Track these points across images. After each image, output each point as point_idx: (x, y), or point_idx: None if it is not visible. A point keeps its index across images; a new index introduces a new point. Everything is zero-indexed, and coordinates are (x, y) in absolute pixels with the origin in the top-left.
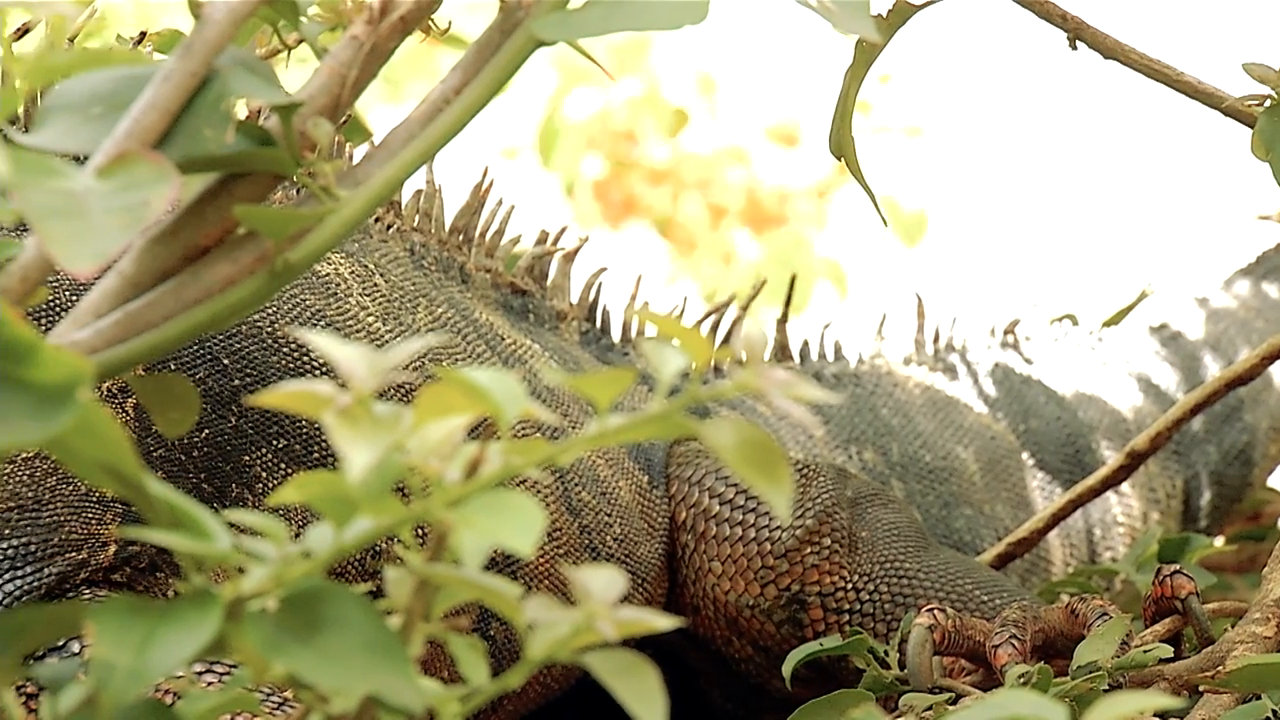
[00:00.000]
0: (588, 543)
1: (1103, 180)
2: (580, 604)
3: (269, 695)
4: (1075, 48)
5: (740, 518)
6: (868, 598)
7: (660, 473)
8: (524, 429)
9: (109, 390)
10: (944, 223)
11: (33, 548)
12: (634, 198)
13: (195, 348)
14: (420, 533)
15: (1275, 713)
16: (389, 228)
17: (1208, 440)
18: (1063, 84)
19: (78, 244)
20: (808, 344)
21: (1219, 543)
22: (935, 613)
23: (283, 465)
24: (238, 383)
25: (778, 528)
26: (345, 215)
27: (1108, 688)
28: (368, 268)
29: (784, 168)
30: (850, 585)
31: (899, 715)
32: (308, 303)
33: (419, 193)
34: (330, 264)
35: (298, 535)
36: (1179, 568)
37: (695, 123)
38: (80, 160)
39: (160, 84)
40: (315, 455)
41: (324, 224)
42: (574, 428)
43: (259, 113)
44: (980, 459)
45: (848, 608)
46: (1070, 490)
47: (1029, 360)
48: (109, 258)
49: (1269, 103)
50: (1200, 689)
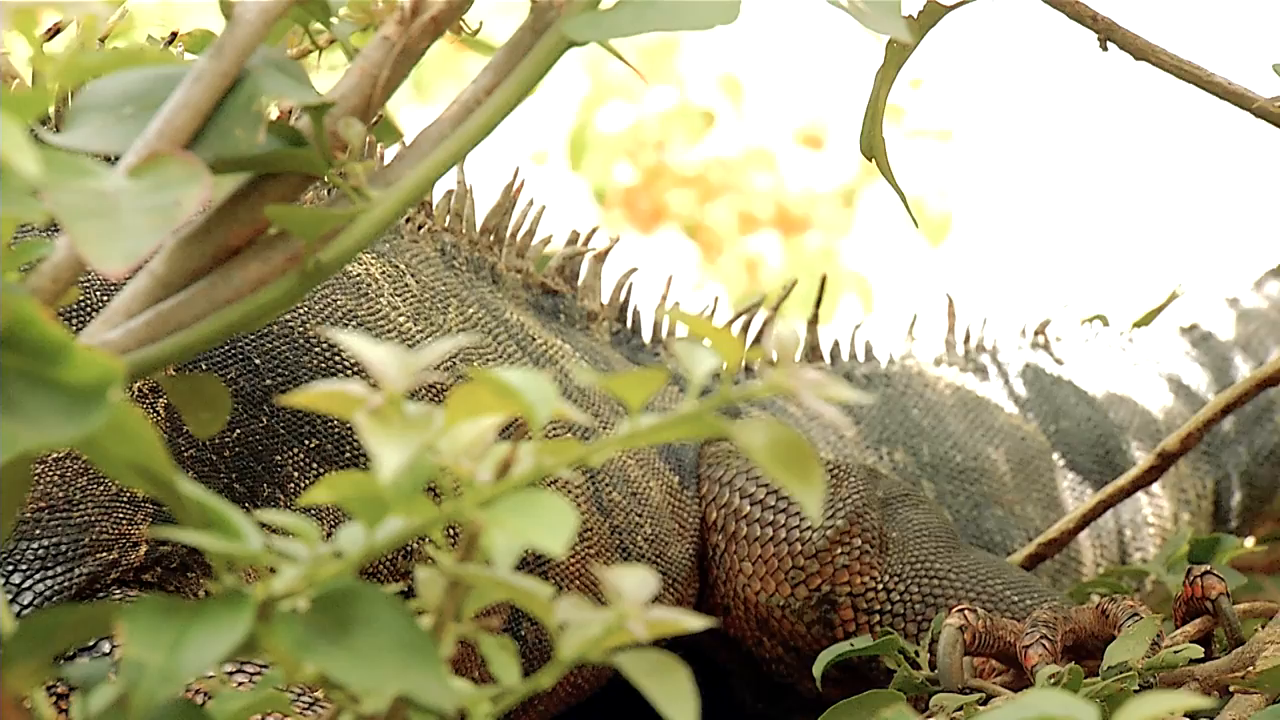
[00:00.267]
0: (619, 543)
1: (1133, 181)
2: (612, 604)
3: (300, 695)
4: (1106, 49)
5: (771, 518)
6: (898, 598)
7: (691, 473)
8: (555, 429)
9: (140, 390)
10: (974, 225)
11: (63, 548)
12: (662, 205)
13: (227, 347)
14: (451, 533)
15: None
16: (420, 228)
17: (1238, 441)
18: (1093, 85)
19: (109, 244)
20: (838, 345)
21: (1249, 543)
22: (966, 613)
23: (315, 465)
24: (269, 382)
25: (809, 528)
26: (376, 215)
27: (1138, 688)
28: (399, 268)
29: (810, 171)
30: (881, 585)
31: (930, 715)
32: (339, 303)
33: (450, 193)
34: (361, 264)
35: (329, 535)
36: (1209, 568)
37: (722, 126)
38: (111, 160)
39: (192, 84)
40: (347, 455)
41: (355, 224)
42: (605, 428)
43: (290, 113)
44: (1011, 459)
45: (878, 608)
46: (1101, 491)
47: (1060, 361)
48: (140, 258)
49: None
50: (1230, 689)
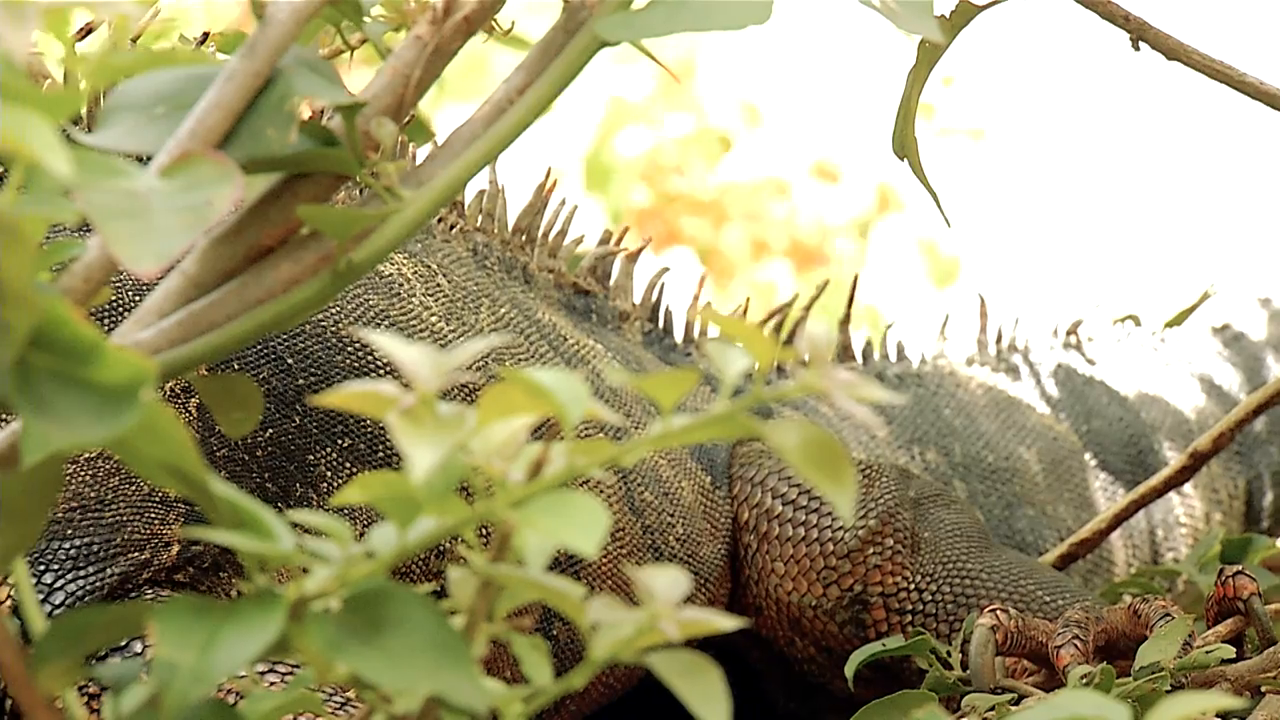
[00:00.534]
0: (651, 543)
1: (1166, 181)
2: (644, 604)
3: (331, 695)
4: (1138, 49)
5: (803, 518)
6: (930, 598)
7: (723, 473)
8: (587, 429)
9: (172, 390)
10: (1005, 223)
11: (95, 548)
12: (676, 229)
13: (259, 347)
14: (484, 533)
15: None
16: (452, 228)
17: (1270, 441)
18: (1124, 85)
19: (141, 244)
20: (870, 345)
21: None
22: (998, 613)
23: (348, 464)
24: (302, 382)
25: (841, 528)
26: (408, 215)
27: (1170, 688)
28: (431, 268)
29: (825, 203)
30: (913, 585)
31: (961, 716)
32: (371, 303)
33: (482, 193)
34: (393, 264)
35: (362, 535)
36: (1241, 568)
37: (739, 151)
38: (143, 160)
39: (224, 84)
40: (380, 454)
41: (387, 224)
42: (637, 428)
43: (322, 113)
44: (1043, 459)
45: (910, 608)
46: (1133, 491)
47: (1091, 361)
48: (172, 258)
49: None
50: (1262, 689)
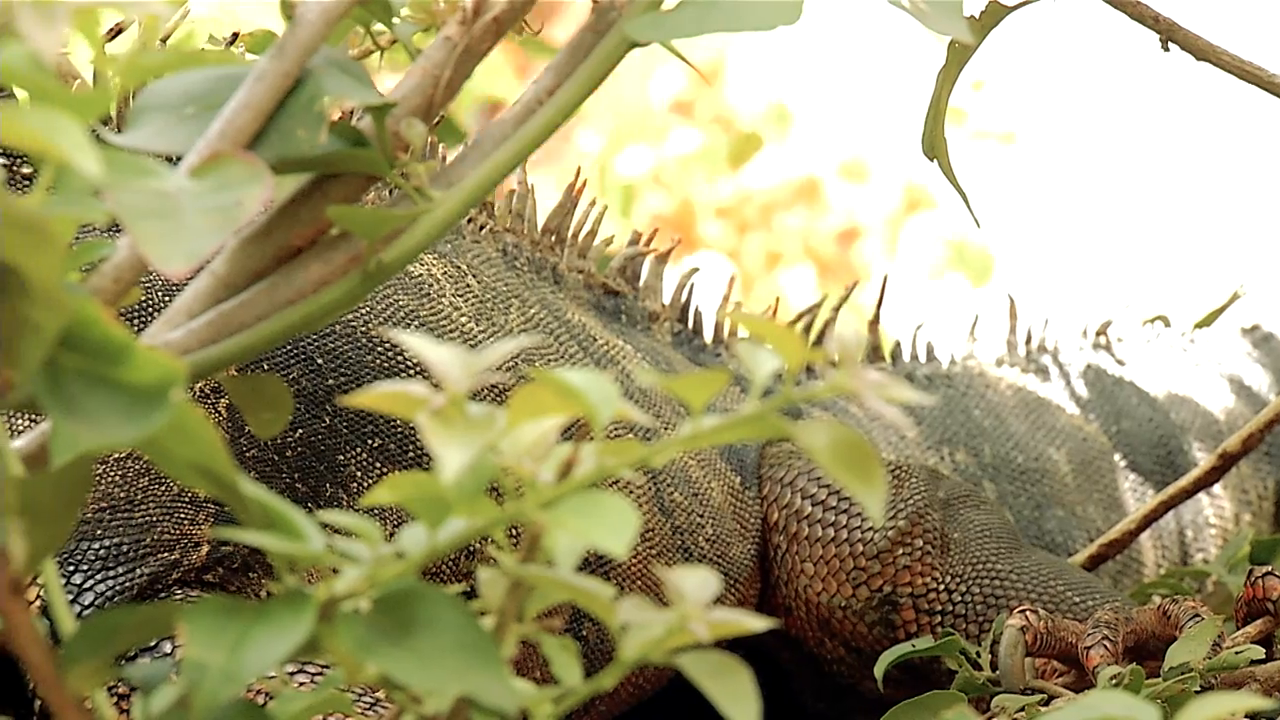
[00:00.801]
0: (680, 543)
1: (1194, 182)
2: (674, 605)
3: (361, 695)
4: (1167, 49)
5: (833, 519)
6: (960, 599)
7: (753, 474)
8: (617, 430)
9: (202, 391)
10: (1036, 225)
11: (125, 548)
12: (696, 237)
13: (289, 348)
14: (514, 533)
15: None
16: (482, 228)
17: None
18: (1153, 85)
19: (171, 244)
20: (899, 345)
21: None
22: (1027, 614)
23: (378, 464)
24: (332, 382)
25: (870, 529)
26: (438, 216)
27: (1199, 689)
28: (460, 268)
29: (854, 203)
30: (942, 586)
31: (991, 716)
32: (401, 303)
33: (512, 193)
34: (423, 264)
35: (392, 535)
36: (1271, 569)
37: (766, 153)
38: (173, 161)
39: (253, 84)
40: (410, 454)
41: (417, 225)
42: (667, 429)
43: (352, 113)
44: (1072, 460)
45: (940, 609)
46: (1162, 492)
47: (1121, 361)
48: (202, 258)
49: None
50: None
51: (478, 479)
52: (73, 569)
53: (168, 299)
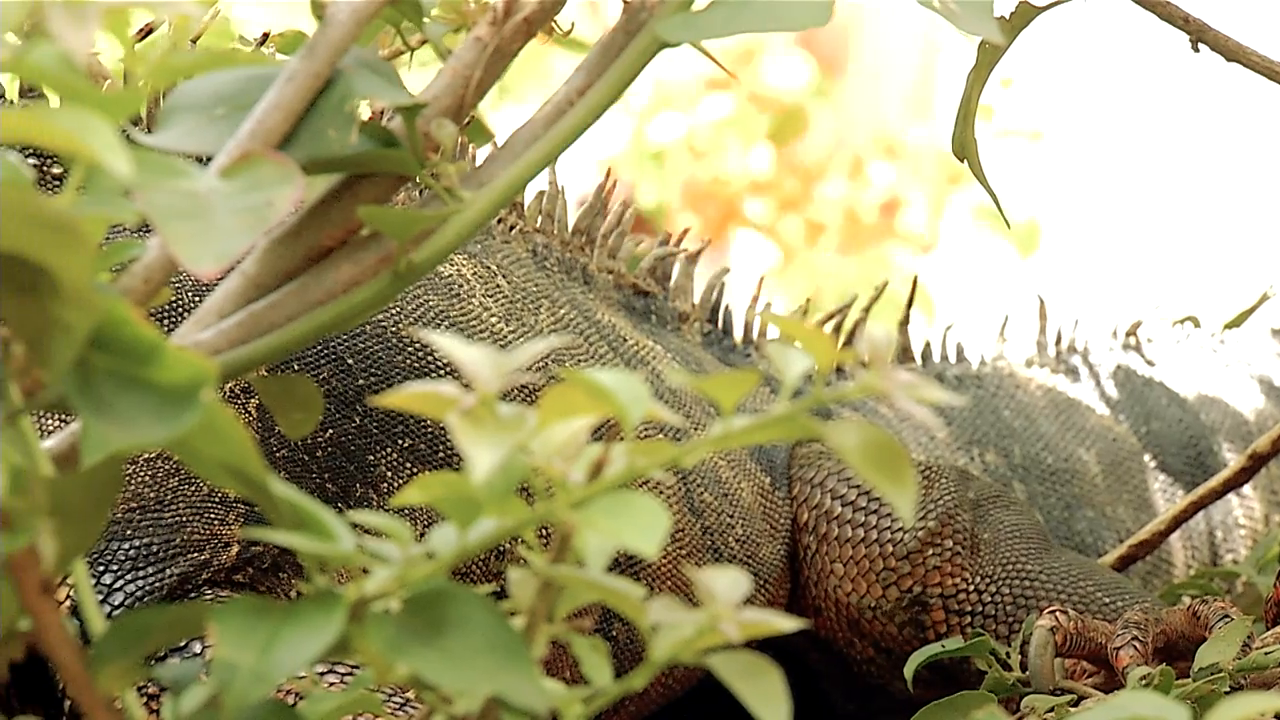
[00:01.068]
0: (710, 544)
1: (1223, 182)
2: (704, 605)
3: (391, 696)
4: (1197, 50)
5: (863, 519)
6: (989, 599)
7: (782, 474)
8: (647, 430)
9: (232, 391)
10: (1064, 225)
11: (155, 548)
12: (735, 210)
13: (319, 348)
14: (543, 534)
15: None
16: (512, 229)
17: None
18: (1183, 86)
19: (201, 244)
20: (929, 346)
21: None
22: (1057, 614)
23: (408, 464)
24: (362, 382)
25: (900, 529)
26: (469, 217)
27: (1229, 689)
28: (490, 269)
29: (896, 177)
30: (972, 587)
31: (1021, 717)
32: (431, 303)
33: (541, 194)
34: (453, 265)
35: (422, 535)
36: None
37: (810, 127)
38: (204, 161)
39: (284, 85)
40: (441, 454)
41: (447, 225)
42: (697, 429)
43: (382, 114)
44: (1102, 461)
45: (969, 609)
46: (1192, 492)
47: (1151, 362)
48: (232, 258)
49: None
50: None
51: (508, 479)
52: (103, 569)
53: (198, 299)
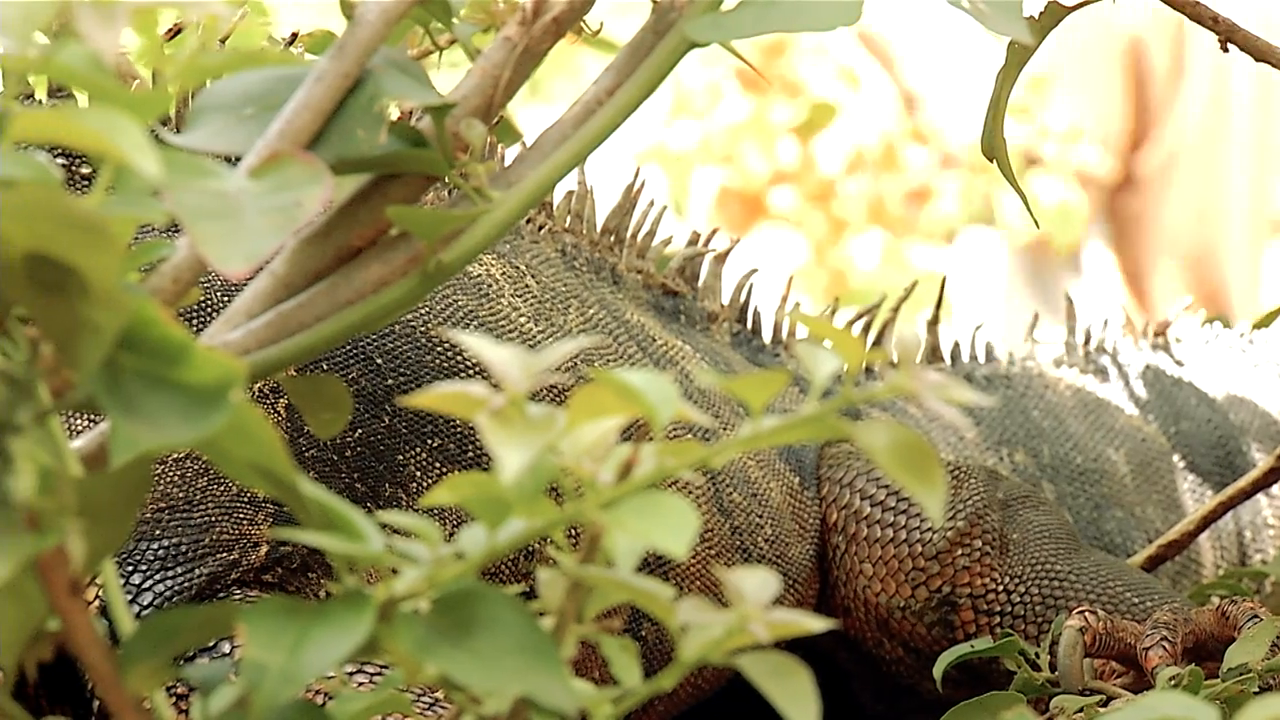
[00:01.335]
0: (739, 544)
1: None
2: (733, 605)
3: (420, 696)
4: (1226, 50)
5: (892, 519)
6: (1019, 599)
7: (811, 474)
8: (676, 430)
9: (261, 391)
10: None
11: (183, 548)
12: (760, 203)
13: (348, 348)
14: (573, 534)
15: None
16: (541, 229)
17: None
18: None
19: (230, 244)
20: (958, 346)
21: None
22: (1086, 615)
23: (437, 464)
24: (391, 382)
25: (929, 529)
26: (498, 217)
27: (1258, 690)
28: (519, 269)
29: (925, 165)
30: (1001, 587)
31: (1050, 717)
32: (460, 303)
33: (570, 194)
34: (482, 265)
35: (451, 535)
36: None
37: (840, 119)
38: (232, 161)
39: (313, 85)
40: (470, 454)
41: (476, 225)
42: (726, 429)
43: (411, 114)
44: (1131, 461)
45: (998, 609)
46: (1221, 493)
47: (1180, 362)
48: (261, 258)
49: None
50: None
51: (537, 479)
52: (131, 569)
53: (227, 299)
